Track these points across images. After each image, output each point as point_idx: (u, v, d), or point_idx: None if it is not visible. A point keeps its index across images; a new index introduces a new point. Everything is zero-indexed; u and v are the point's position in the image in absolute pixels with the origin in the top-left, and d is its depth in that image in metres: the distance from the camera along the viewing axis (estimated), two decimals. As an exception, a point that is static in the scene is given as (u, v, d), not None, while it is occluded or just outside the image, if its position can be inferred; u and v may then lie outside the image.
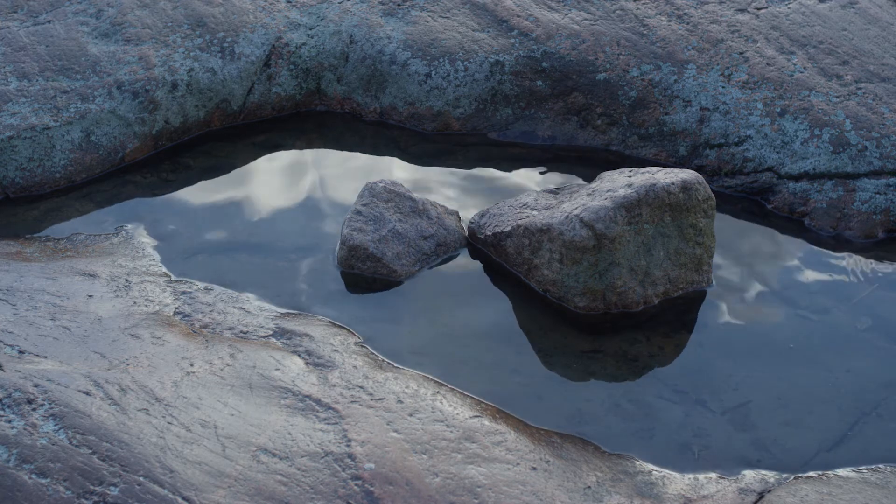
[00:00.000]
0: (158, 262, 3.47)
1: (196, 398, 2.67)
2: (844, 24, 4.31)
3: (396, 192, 3.59)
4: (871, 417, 2.98)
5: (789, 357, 3.20)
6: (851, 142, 3.86)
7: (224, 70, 4.21)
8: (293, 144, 4.23)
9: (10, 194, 3.83)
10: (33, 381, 2.53)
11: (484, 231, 3.55)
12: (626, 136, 4.13)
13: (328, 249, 3.60)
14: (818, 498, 2.62)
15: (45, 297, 3.06)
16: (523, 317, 3.33)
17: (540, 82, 4.21)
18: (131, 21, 4.26)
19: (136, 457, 2.39)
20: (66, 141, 3.90)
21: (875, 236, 3.74)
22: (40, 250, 3.47)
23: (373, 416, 2.71)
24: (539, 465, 2.66)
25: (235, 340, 3.02)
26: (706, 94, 4.05)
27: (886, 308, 3.42)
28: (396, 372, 2.99)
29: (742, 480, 2.73)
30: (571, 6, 4.39)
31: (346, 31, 4.37)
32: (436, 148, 4.19)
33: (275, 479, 2.44)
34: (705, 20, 4.31)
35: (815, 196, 3.82)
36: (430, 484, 2.51)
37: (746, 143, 3.95)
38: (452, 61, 4.24)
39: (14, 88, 3.96)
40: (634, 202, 3.21)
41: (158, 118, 4.08)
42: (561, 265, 3.28)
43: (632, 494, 2.64)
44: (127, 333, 2.94)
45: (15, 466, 2.30)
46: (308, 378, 2.85)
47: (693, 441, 2.89)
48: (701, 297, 3.41)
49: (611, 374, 3.12)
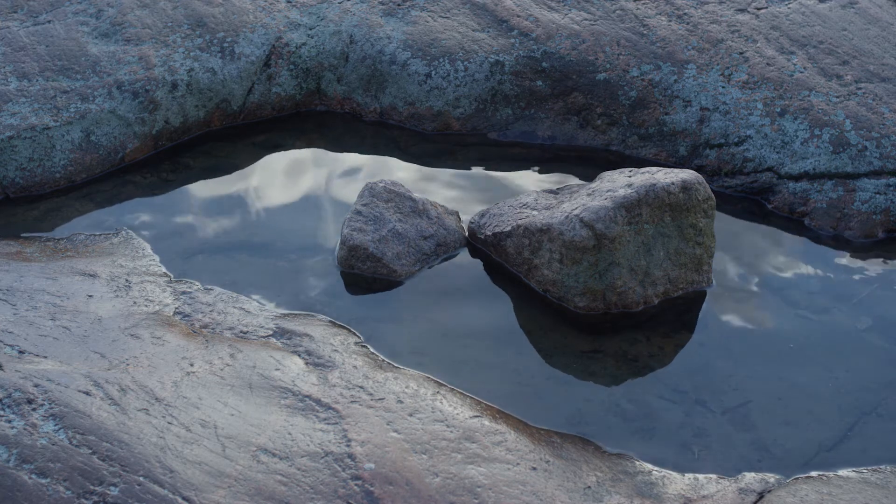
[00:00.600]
0: (158, 262, 3.47)
1: (196, 398, 2.67)
2: (844, 24, 4.31)
3: (396, 192, 3.59)
4: (871, 417, 2.98)
5: (789, 357, 3.20)
6: (851, 142, 3.86)
7: (224, 70, 4.21)
8: (293, 144, 4.23)
9: (10, 194, 3.83)
10: (33, 381, 2.53)
11: (484, 231, 3.55)
12: (626, 136, 4.13)
13: (328, 249, 3.60)
14: (818, 498, 2.62)
15: (45, 297, 3.06)
16: (523, 317, 3.33)
17: (540, 82, 4.21)
18: (131, 21, 4.26)
19: (136, 457, 2.39)
20: (66, 141, 3.90)
21: (875, 236, 3.74)
22: (40, 250, 3.47)
23: (373, 416, 2.71)
24: (539, 465, 2.66)
25: (235, 340, 3.02)
26: (706, 94, 4.05)
27: (886, 308, 3.42)
28: (396, 372, 2.99)
29: (742, 480, 2.73)
30: (571, 6, 4.39)
31: (346, 31, 4.37)
32: (436, 148, 4.19)
33: (275, 479, 2.44)
34: (705, 20, 4.31)
35: (815, 196, 3.82)
36: (430, 484, 2.51)
37: (746, 143, 3.95)
38: (452, 61, 4.24)
39: (14, 88, 3.96)
40: (634, 202, 3.21)
41: (158, 118, 4.08)
42: (561, 265, 3.28)
43: (632, 494, 2.64)
44: (127, 333, 2.94)
45: (15, 466, 2.30)
46: (308, 378, 2.85)
47: (693, 441, 2.88)
48: (701, 297, 3.41)
49: (611, 374, 3.12)
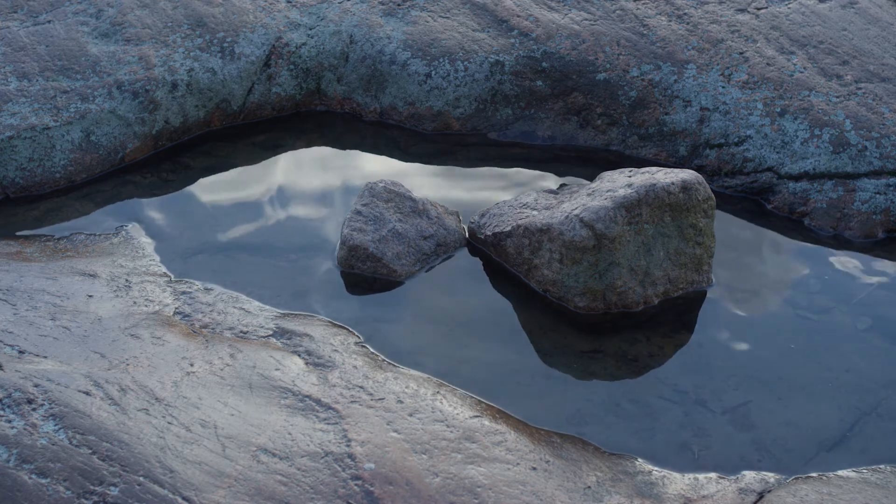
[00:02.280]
0: (158, 262, 3.47)
1: (196, 398, 2.67)
2: (844, 24, 4.31)
3: (396, 192, 3.59)
4: (871, 417, 2.98)
5: (789, 357, 3.20)
6: (851, 142, 3.86)
7: (224, 70, 4.21)
8: (293, 144, 4.23)
9: (10, 194, 3.83)
10: (33, 381, 2.53)
11: (484, 231, 3.55)
12: (626, 136, 4.13)
13: (328, 249, 3.60)
14: (818, 498, 2.62)
15: (45, 297, 3.06)
16: (523, 317, 3.33)
17: (540, 82, 4.21)
18: (131, 21, 4.26)
19: (136, 457, 2.39)
20: (66, 141, 3.90)
21: (875, 236, 3.74)
22: (40, 250, 3.47)
23: (373, 416, 2.71)
24: (539, 465, 2.66)
25: (235, 340, 3.02)
26: (706, 94, 4.05)
27: (886, 308, 3.42)
28: (396, 372, 2.99)
29: (742, 480, 2.73)
30: (571, 6, 4.39)
31: (346, 31, 4.37)
32: (436, 148, 4.19)
33: (275, 479, 2.44)
34: (705, 20, 4.31)
35: (815, 196, 3.82)
36: (430, 484, 2.51)
37: (746, 143, 3.95)
38: (452, 61, 4.24)
39: (14, 88, 3.96)
40: (634, 202, 3.21)
41: (158, 118, 4.08)
42: (561, 265, 3.28)
43: (632, 494, 2.64)
44: (127, 333, 2.94)
45: (15, 466, 2.30)
46: (308, 378, 2.85)
47: (693, 441, 2.88)
48: (701, 297, 3.41)
49: (611, 374, 3.12)
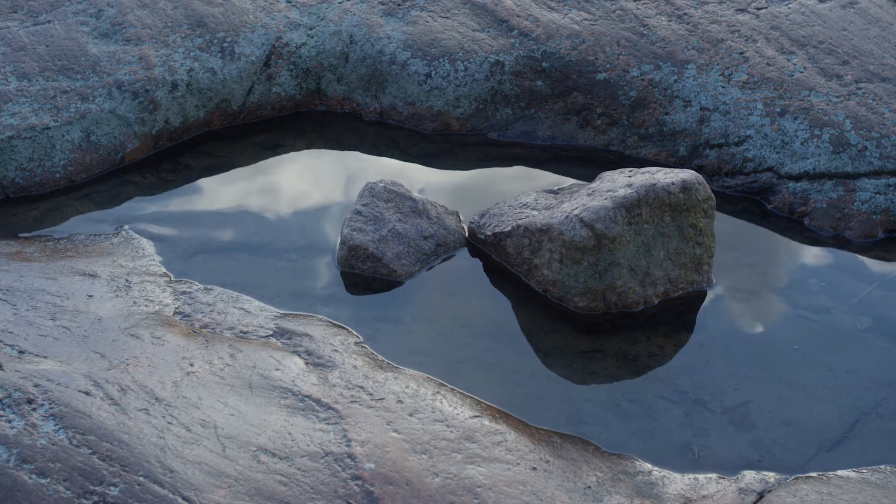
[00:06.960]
0: (158, 262, 3.47)
1: (196, 398, 2.67)
2: (844, 24, 4.31)
3: (396, 192, 3.59)
4: (871, 417, 2.98)
5: (789, 357, 3.20)
6: (851, 142, 3.86)
7: (224, 70, 4.21)
8: (293, 144, 4.23)
9: (10, 194, 3.83)
10: (33, 381, 2.53)
11: (484, 231, 3.55)
12: (626, 136, 4.13)
13: (328, 249, 3.60)
14: (818, 498, 2.62)
15: (45, 297, 3.06)
16: (523, 317, 3.33)
17: (540, 82, 4.21)
18: (131, 21, 4.26)
19: (136, 457, 2.39)
20: (66, 141, 3.90)
21: (875, 236, 3.74)
22: (40, 250, 3.47)
23: (373, 416, 2.71)
24: (539, 465, 2.66)
25: (235, 340, 3.02)
26: (706, 94, 4.05)
27: (886, 308, 3.42)
28: (396, 372, 2.99)
29: (742, 480, 2.73)
30: (571, 6, 4.39)
31: (346, 31, 4.37)
32: (436, 148, 4.19)
33: (275, 479, 2.44)
34: (705, 20, 4.31)
35: (815, 196, 3.82)
36: (430, 484, 2.51)
37: (746, 143, 3.95)
38: (452, 61, 4.24)
39: (14, 88, 3.96)
40: (634, 202, 3.21)
41: (158, 118, 4.08)
42: (561, 265, 3.28)
43: (632, 494, 2.64)
44: (127, 333, 2.94)
45: (15, 466, 2.30)
46: (308, 378, 2.85)
47: (693, 441, 2.88)
48: (701, 297, 3.41)
49: (611, 374, 3.12)
